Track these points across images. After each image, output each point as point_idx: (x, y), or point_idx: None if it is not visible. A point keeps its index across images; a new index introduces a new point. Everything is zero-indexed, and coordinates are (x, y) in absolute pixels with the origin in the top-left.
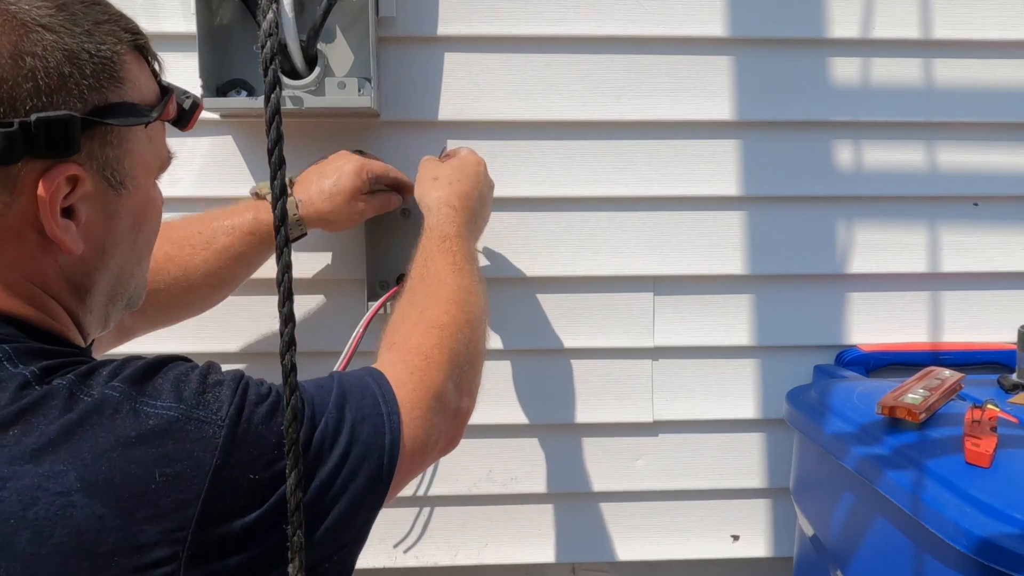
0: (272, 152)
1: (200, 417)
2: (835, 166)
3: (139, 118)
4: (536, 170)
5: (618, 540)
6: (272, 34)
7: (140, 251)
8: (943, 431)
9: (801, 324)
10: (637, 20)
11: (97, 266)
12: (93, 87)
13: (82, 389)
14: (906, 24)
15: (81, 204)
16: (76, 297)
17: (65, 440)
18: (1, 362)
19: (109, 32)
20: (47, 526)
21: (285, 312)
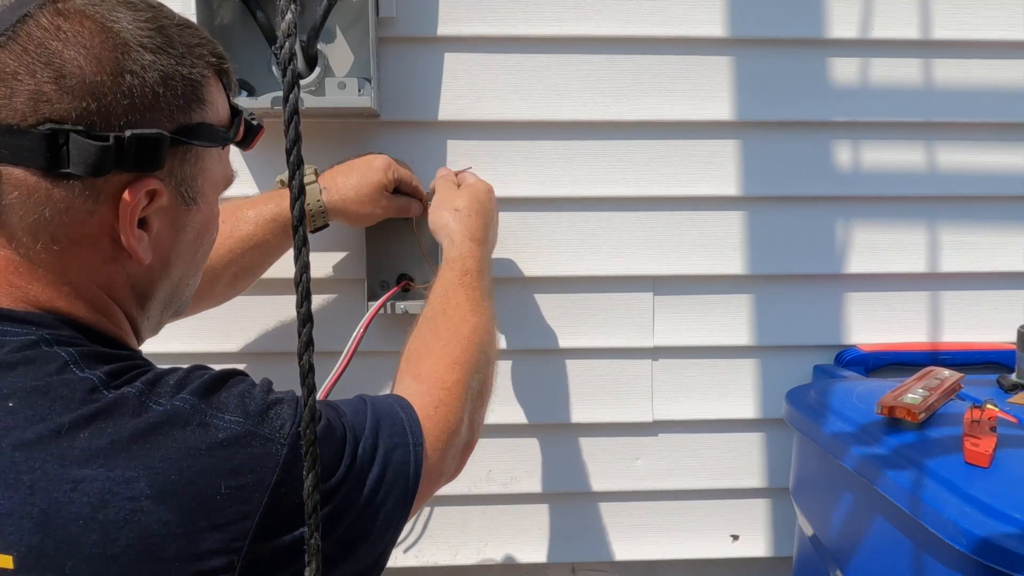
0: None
1: (264, 434)
2: (835, 166)
3: (217, 140)
4: (536, 170)
5: (618, 540)
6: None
7: (198, 263)
8: (942, 431)
9: (801, 324)
10: (637, 20)
11: (161, 276)
12: (181, 108)
13: (151, 397)
14: (905, 24)
15: (155, 216)
16: (138, 303)
17: (137, 447)
18: (68, 365)
19: (199, 56)
20: (115, 529)
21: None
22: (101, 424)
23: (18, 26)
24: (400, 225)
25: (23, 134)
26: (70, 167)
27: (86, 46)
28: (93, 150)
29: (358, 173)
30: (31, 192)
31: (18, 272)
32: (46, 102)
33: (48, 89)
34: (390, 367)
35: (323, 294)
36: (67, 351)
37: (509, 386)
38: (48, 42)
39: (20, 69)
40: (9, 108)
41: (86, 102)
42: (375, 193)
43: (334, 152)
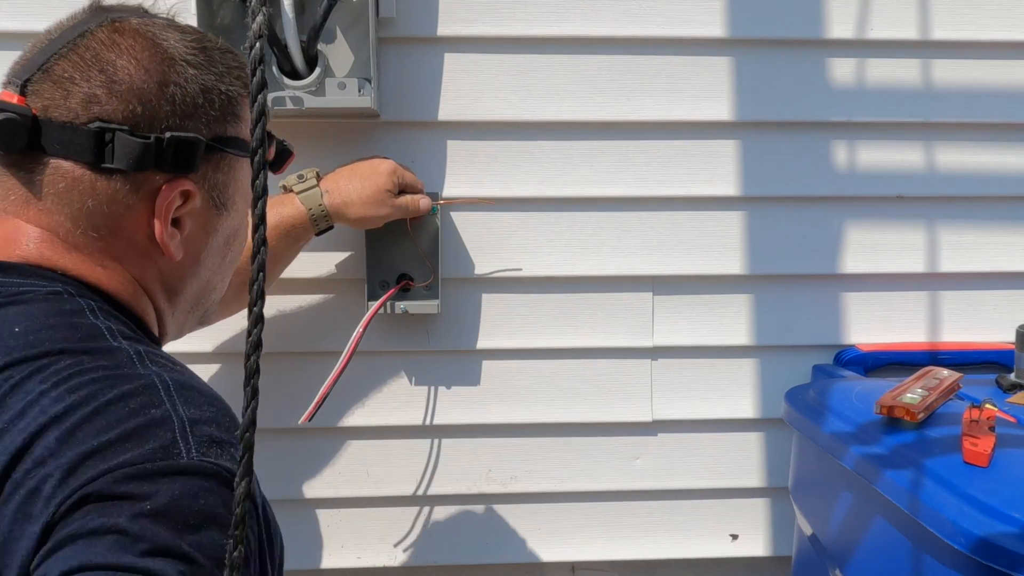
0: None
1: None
2: (834, 166)
3: (246, 151)
4: (536, 170)
5: (617, 539)
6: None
7: (227, 267)
8: (941, 431)
9: (800, 324)
10: (637, 21)
11: (190, 274)
12: (217, 119)
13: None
14: (904, 25)
15: (188, 217)
16: (167, 298)
17: (79, 381)
18: (84, 312)
19: (237, 77)
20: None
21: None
22: (84, 359)
23: (78, 40)
24: (400, 225)
25: (75, 130)
26: (114, 162)
27: (137, 57)
28: (136, 147)
29: (362, 176)
30: (77, 183)
31: (53, 248)
32: (97, 103)
33: (100, 92)
34: (390, 367)
35: (323, 294)
36: (88, 302)
37: (509, 385)
38: (103, 53)
39: (76, 75)
40: (64, 108)
41: (132, 105)
42: (379, 197)
43: (334, 152)
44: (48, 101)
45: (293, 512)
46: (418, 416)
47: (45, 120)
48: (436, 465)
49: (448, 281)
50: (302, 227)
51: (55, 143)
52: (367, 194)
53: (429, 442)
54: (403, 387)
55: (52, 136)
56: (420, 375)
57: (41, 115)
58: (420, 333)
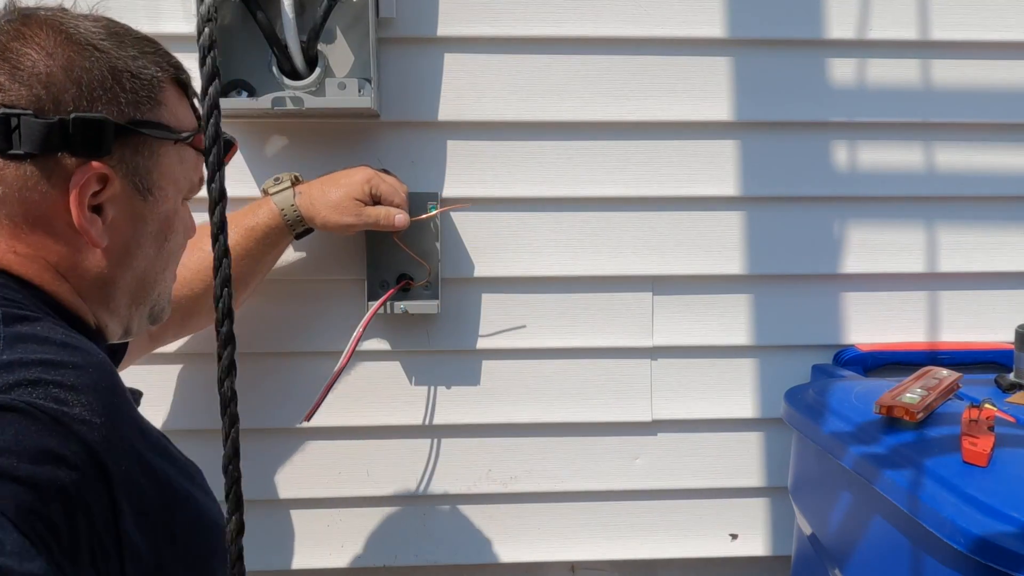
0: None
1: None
2: (833, 166)
3: (169, 134)
4: (536, 170)
5: (617, 539)
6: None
7: (165, 260)
8: (941, 430)
9: (799, 324)
10: (636, 21)
11: (120, 263)
12: (131, 102)
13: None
14: (904, 25)
15: (109, 204)
16: (97, 289)
17: None
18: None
19: (152, 62)
20: None
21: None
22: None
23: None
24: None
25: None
26: (21, 147)
27: (41, 44)
28: (40, 129)
29: (335, 182)
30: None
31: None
32: (1, 91)
33: (3, 80)
34: (390, 367)
35: (323, 294)
36: None
37: (509, 385)
38: (9, 43)
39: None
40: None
41: (36, 89)
42: (345, 203)
43: (334, 153)
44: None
45: (293, 512)
46: (418, 416)
47: None
48: (436, 465)
49: (448, 281)
50: (278, 229)
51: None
52: (334, 199)
53: (429, 442)
54: (403, 387)
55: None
56: (420, 375)
57: None
58: (420, 333)
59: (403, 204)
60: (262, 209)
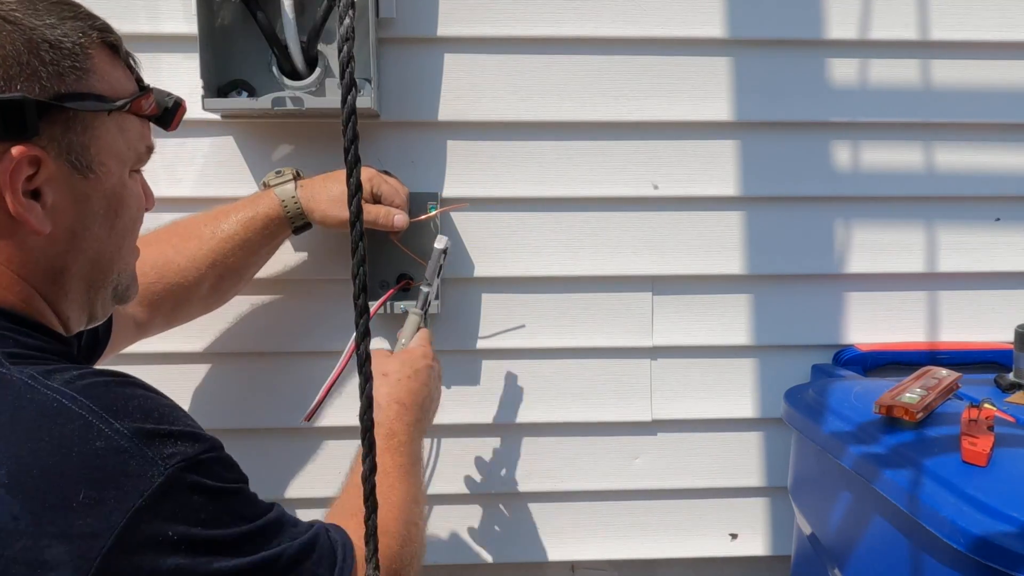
0: (348, 151)
1: (147, 456)
2: (833, 166)
3: (101, 104)
4: (536, 170)
5: (617, 539)
6: (349, 39)
7: (119, 238)
8: (940, 430)
9: (799, 324)
10: (636, 21)
11: (69, 248)
12: (53, 75)
13: (39, 385)
14: (904, 25)
15: (47, 187)
16: (51, 280)
17: (8, 433)
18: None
19: (74, 28)
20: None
21: (360, 304)
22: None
23: None
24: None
25: None
26: None
27: None
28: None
29: (336, 179)
30: None
31: None
32: None
33: None
34: None
35: (323, 294)
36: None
37: (509, 386)
38: None
39: None
40: None
41: None
42: (344, 199)
43: (334, 153)
44: None
45: (293, 512)
46: None
47: None
48: (436, 465)
49: (448, 281)
50: (278, 221)
51: None
52: (335, 193)
53: (429, 442)
54: None
55: None
56: None
57: None
58: None
59: (403, 205)
60: (263, 200)
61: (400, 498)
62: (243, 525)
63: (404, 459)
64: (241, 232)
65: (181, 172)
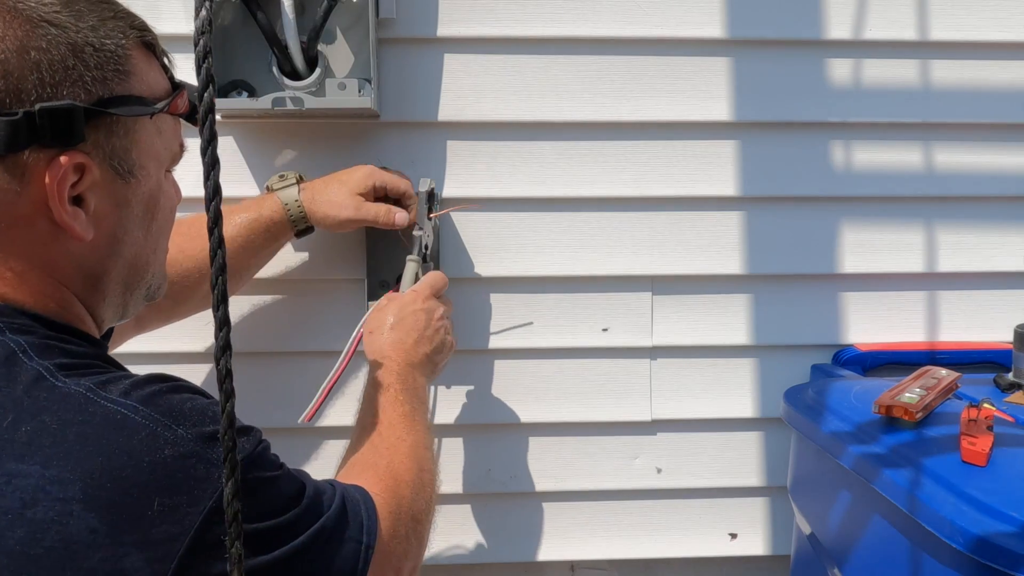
0: (205, 152)
1: (210, 458)
2: (832, 166)
3: (143, 108)
4: (536, 170)
5: (617, 538)
6: (205, 32)
7: (155, 240)
8: (939, 430)
9: (799, 323)
10: (636, 21)
11: (109, 254)
12: (97, 79)
13: (99, 398)
14: (903, 25)
15: (90, 192)
16: (90, 285)
17: (78, 447)
18: (16, 354)
19: (115, 28)
20: (42, 529)
21: (220, 316)
22: (45, 419)
23: None
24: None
25: None
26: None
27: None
28: (4, 127)
29: (338, 179)
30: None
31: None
32: None
33: None
34: None
35: (323, 294)
36: (19, 340)
37: (509, 385)
38: None
39: None
40: None
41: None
42: (342, 198)
43: (334, 153)
44: None
45: None
46: None
47: None
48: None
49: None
50: (280, 224)
51: None
52: (332, 195)
53: None
54: None
55: None
56: None
57: None
58: None
59: (408, 190)
60: (266, 203)
61: (409, 447)
62: (294, 507)
63: (406, 407)
64: (244, 235)
65: (181, 172)
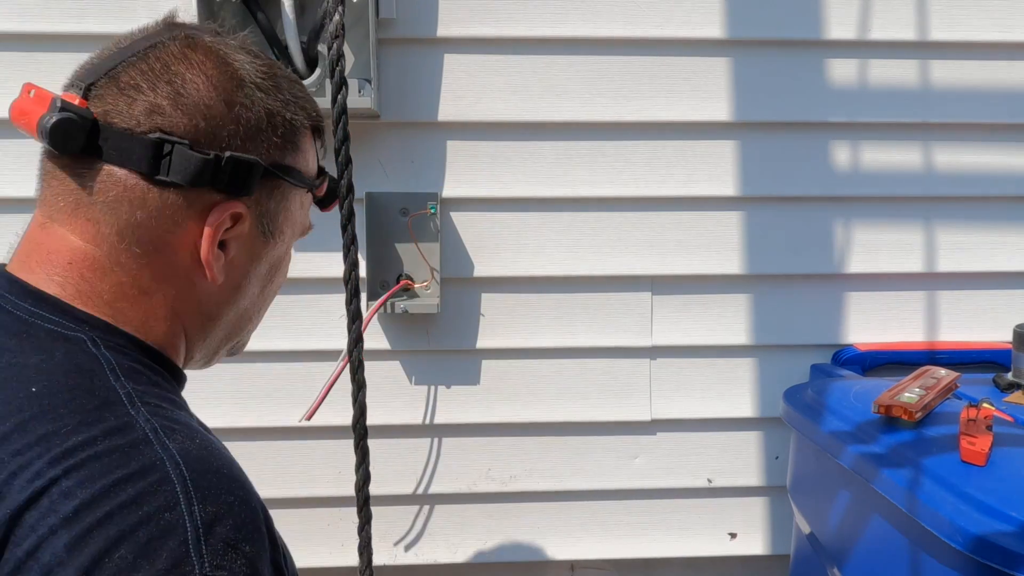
0: (339, 152)
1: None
2: (832, 167)
3: (304, 184)
4: (536, 170)
5: (616, 538)
6: (338, 36)
7: (265, 299)
8: (939, 430)
9: (798, 323)
10: (636, 22)
11: (229, 300)
12: (277, 146)
13: (157, 443)
14: (903, 26)
15: (235, 241)
16: (200, 325)
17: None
18: (103, 370)
19: (301, 107)
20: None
21: (353, 309)
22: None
23: (149, 50)
24: (400, 225)
25: (133, 138)
26: (170, 175)
27: (207, 74)
28: (195, 162)
29: None
30: (129, 192)
31: (93, 268)
32: (160, 113)
33: (164, 103)
34: (389, 367)
35: (323, 294)
36: (110, 358)
37: (509, 385)
38: (174, 65)
39: (143, 83)
40: (126, 115)
41: (196, 120)
42: None
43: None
44: (110, 106)
45: (293, 511)
46: (418, 415)
47: (105, 125)
48: (436, 464)
49: (448, 281)
50: None
51: (112, 149)
52: None
53: (429, 441)
54: (403, 387)
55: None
56: (420, 375)
57: (101, 119)
58: (420, 333)
59: None
60: None
61: None
62: None
63: None
64: None
65: None
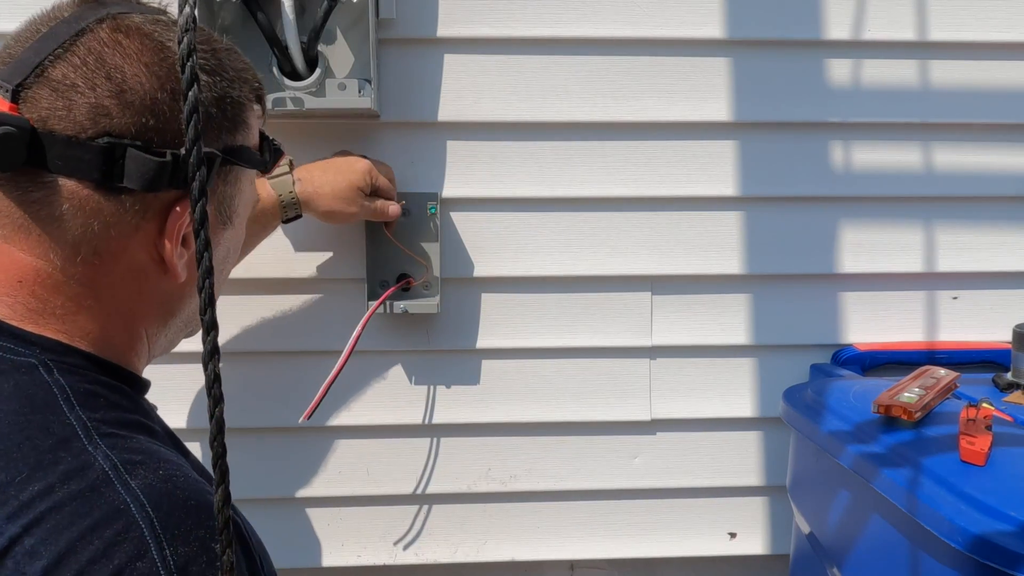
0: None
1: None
2: (831, 167)
3: (256, 163)
4: (536, 170)
5: (616, 538)
6: (189, 29)
7: (223, 282)
8: (938, 429)
9: (798, 323)
10: (635, 22)
11: (189, 294)
12: (228, 129)
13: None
14: (902, 26)
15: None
16: (161, 321)
17: (67, 524)
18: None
19: (243, 80)
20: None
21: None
22: (56, 487)
23: (76, 39)
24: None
25: (81, 146)
26: (125, 181)
27: (146, 63)
28: (150, 165)
29: (336, 170)
30: (83, 205)
31: (45, 284)
32: (106, 116)
33: (109, 103)
34: (390, 366)
35: (323, 294)
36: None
37: (508, 385)
38: (108, 56)
39: (79, 81)
40: (68, 120)
41: (145, 118)
42: (350, 194)
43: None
44: (47, 111)
45: (293, 511)
46: (418, 415)
47: (46, 133)
48: (436, 464)
49: (448, 281)
50: (271, 213)
51: (57, 159)
52: (340, 188)
53: (429, 441)
54: (403, 386)
55: (55, 151)
56: (420, 375)
57: (40, 127)
58: (420, 333)
59: (395, 197)
60: (259, 191)
61: None
62: None
63: None
64: None
65: None
